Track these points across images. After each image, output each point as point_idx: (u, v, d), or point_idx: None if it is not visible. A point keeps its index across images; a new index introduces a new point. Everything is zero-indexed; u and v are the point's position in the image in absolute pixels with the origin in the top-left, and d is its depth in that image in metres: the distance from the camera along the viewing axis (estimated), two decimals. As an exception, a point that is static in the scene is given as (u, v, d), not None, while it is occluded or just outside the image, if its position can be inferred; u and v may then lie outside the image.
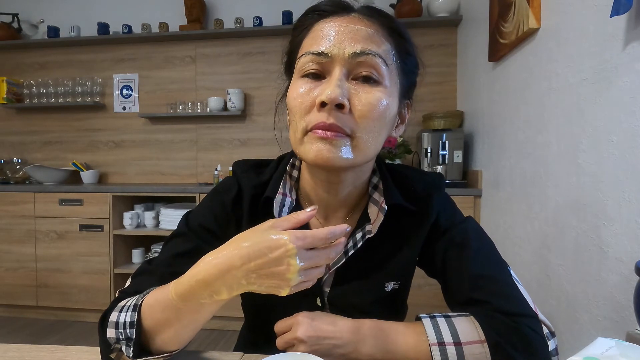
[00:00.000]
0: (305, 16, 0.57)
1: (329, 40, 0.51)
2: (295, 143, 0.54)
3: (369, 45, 0.51)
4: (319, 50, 0.51)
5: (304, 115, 0.52)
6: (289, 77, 0.60)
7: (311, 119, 0.51)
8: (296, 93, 0.53)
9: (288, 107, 0.56)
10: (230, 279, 0.42)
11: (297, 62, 0.54)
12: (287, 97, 0.56)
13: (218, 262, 0.43)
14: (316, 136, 0.50)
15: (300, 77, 0.54)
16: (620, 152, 0.92)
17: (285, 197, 0.61)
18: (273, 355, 0.46)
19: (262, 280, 0.42)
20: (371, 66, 0.51)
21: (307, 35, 0.55)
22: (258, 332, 0.70)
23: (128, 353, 0.48)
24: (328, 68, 0.52)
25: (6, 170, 2.77)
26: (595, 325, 1.01)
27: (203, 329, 2.58)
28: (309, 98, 0.52)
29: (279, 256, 0.41)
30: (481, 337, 0.50)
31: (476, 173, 2.06)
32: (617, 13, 0.85)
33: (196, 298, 0.44)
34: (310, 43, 0.53)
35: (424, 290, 1.97)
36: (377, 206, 0.60)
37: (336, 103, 0.49)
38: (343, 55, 0.51)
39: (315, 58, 0.52)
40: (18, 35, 2.94)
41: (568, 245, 1.14)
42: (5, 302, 2.53)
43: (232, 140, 2.83)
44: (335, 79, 0.50)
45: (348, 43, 0.51)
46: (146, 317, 0.48)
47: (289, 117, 0.57)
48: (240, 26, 2.68)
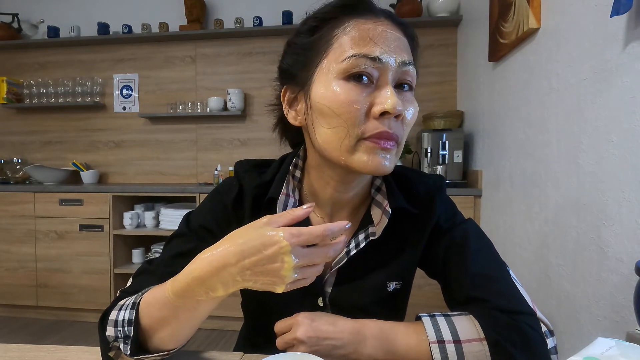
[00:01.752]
0: (334, 7, 0.53)
1: (381, 46, 0.50)
2: (341, 149, 0.51)
3: (409, 56, 0.53)
4: (373, 55, 0.49)
5: (358, 122, 0.50)
6: (302, 70, 0.55)
7: (369, 127, 0.50)
8: (347, 98, 0.49)
9: (323, 109, 0.51)
10: (225, 275, 0.42)
11: (338, 61, 0.50)
12: (317, 96, 0.52)
13: (213, 260, 0.43)
14: (378, 147, 0.50)
15: (343, 78, 0.50)
16: (620, 152, 0.92)
17: (289, 197, 0.61)
18: (273, 355, 0.46)
19: (257, 277, 0.42)
20: (411, 76, 0.53)
21: (345, 32, 0.51)
22: (258, 332, 0.70)
23: (126, 351, 0.48)
24: (379, 74, 0.50)
25: (6, 170, 2.77)
26: (595, 325, 1.01)
27: (203, 329, 2.57)
28: (364, 105, 0.49)
29: (273, 253, 0.41)
30: (480, 335, 0.50)
31: (476, 173, 2.06)
32: (617, 13, 0.85)
33: (192, 295, 0.44)
34: (355, 42, 0.50)
35: (424, 290, 1.97)
36: (381, 209, 0.60)
37: (398, 114, 0.50)
38: (395, 64, 0.50)
39: (369, 62, 0.49)
40: (18, 35, 2.94)
41: (568, 245, 1.14)
42: (5, 302, 2.54)
43: (232, 140, 2.83)
44: (391, 88, 0.50)
45: (397, 51, 0.51)
46: (144, 315, 0.48)
47: (317, 119, 0.52)
48: (240, 26, 2.68)
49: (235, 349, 0.73)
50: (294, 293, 0.62)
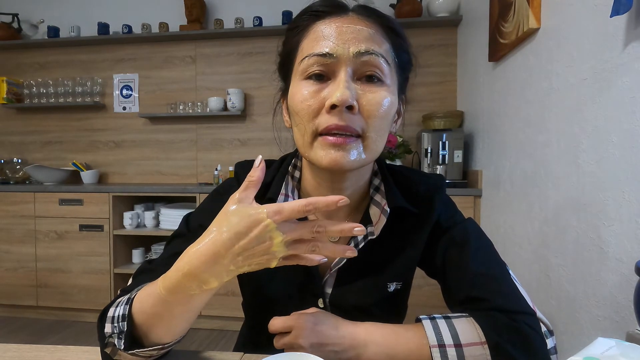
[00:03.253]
0: (300, 17, 0.56)
1: (332, 41, 0.51)
2: (303, 146, 0.54)
3: (372, 45, 0.51)
4: (323, 52, 0.51)
5: (312, 118, 0.51)
6: (284, 79, 0.60)
7: (321, 122, 0.51)
8: (302, 96, 0.52)
9: (292, 110, 0.54)
10: (217, 268, 0.42)
11: (299, 65, 0.53)
12: (289, 99, 0.55)
13: (202, 254, 0.42)
14: (328, 143, 0.50)
15: (304, 79, 0.53)
16: (620, 152, 0.92)
17: (288, 198, 0.61)
18: (273, 355, 0.46)
19: (249, 260, 0.42)
20: (375, 66, 0.51)
21: (306, 37, 0.54)
22: (258, 331, 0.70)
23: (120, 345, 0.47)
24: (333, 69, 0.51)
25: (6, 170, 2.77)
26: (595, 325, 1.01)
27: (203, 329, 2.56)
28: (316, 101, 0.51)
29: (259, 233, 0.40)
30: (481, 339, 0.50)
31: (476, 173, 2.06)
32: (617, 13, 0.85)
33: (185, 291, 0.44)
34: (311, 45, 0.52)
35: (423, 290, 1.97)
36: (379, 208, 0.60)
37: (347, 105, 0.49)
38: (348, 55, 0.50)
39: (320, 59, 0.51)
40: (18, 35, 2.94)
41: (568, 245, 1.14)
42: (5, 302, 2.54)
43: (232, 140, 2.83)
44: (343, 80, 0.50)
45: (352, 43, 0.51)
46: (137, 312, 0.48)
47: (292, 120, 0.56)
48: (240, 26, 2.68)
49: (235, 349, 0.73)
50: (295, 294, 0.62)
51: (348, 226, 0.42)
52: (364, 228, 0.42)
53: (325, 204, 0.40)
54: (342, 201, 0.40)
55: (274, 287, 0.63)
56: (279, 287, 0.63)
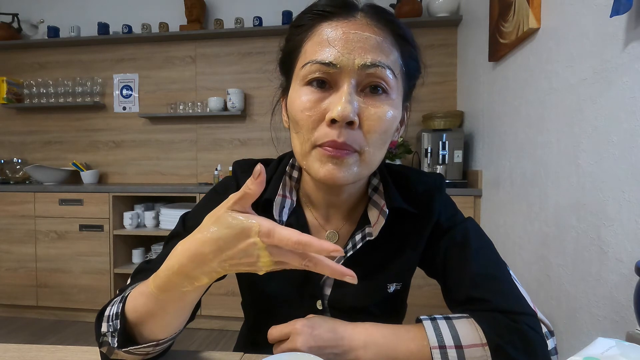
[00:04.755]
0: (306, 14, 0.54)
1: (337, 49, 0.49)
2: (301, 154, 0.52)
3: (379, 56, 0.49)
4: (326, 61, 0.49)
5: (311, 129, 0.50)
6: (285, 77, 0.58)
7: (320, 136, 0.49)
8: (302, 104, 0.50)
9: (291, 116, 0.53)
10: (206, 268, 0.42)
11: (301, 69, 0.51)
12: (288, 104, 0.54)
13: (190, 253, 0.41)
14: (327, 154, 0.49)
15: (305, 84, 0.51)
16: (620, 152, 0.92)
17: (285, 198, 0.61)
18: (273, 355, 0.46)
19: (237, 267, 0.41)
20: (380, 78, 0.49)
21: (309, 38, 0.52)
22: (258, 331, 0.70)
23: (113, 343, 0.47)
24: (336, 79, 0.49)
25: (6, 170, 2.77)
26: (595, 325, 1.01)
27: (203, 329, 2.56)
28: (316, 112, 0.49)
29: (246, 247, 0.39)
30: (482, 340, 0.49)
31: (476, 173, 2.06)
32: (617, 13, 0.85)
33: (176, 288, 0.44)
34: (314, 49, 0.50)
35: (423, 290, 1.97)
36: (378, 209, 0.60)
37: (347, 121, 0.47)
38: (352, 67, 0.48)
39: (323, 68, 0.49)
40: (18, 35, 2.94)
41: (568, 245, 1.14)
42: (5, 302, 2.54)
43: (232, 140, 2.83)
44: (345, 94, 0.48)
45: (357, 53, 0.48)
46: (130, 310, 0.48)
47: (291, 125, 0.54)
48: (240, 26, 2.68)
49: (235, 349, 0.73)
50: (294, 295, 0.62)
51: (340, 271, 0.40)
52: (355, 277, 0.40)
53: (317, 249, 0.38)
54: (336, 253, 0.38)
55: (272, 288, 0.63)
56: (278, 288, 0.63)
